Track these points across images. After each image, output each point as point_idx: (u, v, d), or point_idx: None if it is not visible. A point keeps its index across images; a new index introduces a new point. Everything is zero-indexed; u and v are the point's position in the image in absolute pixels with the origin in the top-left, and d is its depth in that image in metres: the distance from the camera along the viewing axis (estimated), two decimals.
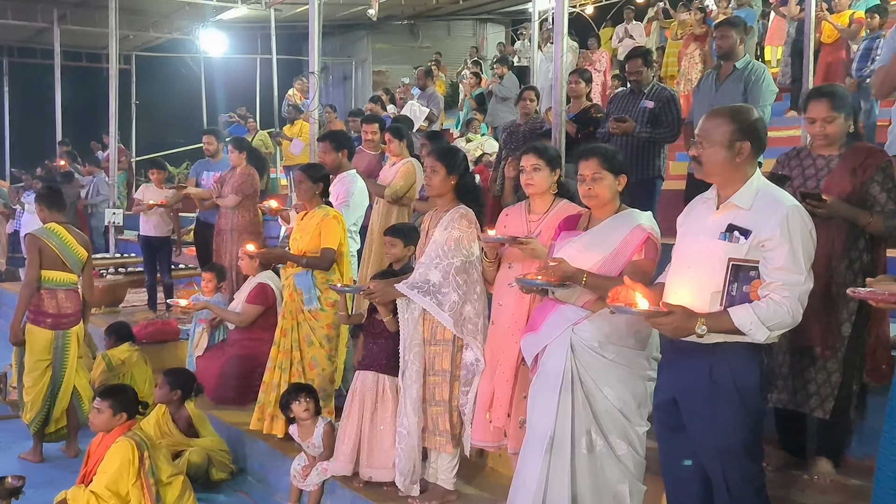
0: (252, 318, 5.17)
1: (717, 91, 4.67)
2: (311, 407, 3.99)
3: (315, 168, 4.57)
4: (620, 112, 5.18)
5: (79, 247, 4.86)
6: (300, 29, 18.54)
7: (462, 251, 3.43)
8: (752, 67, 4.57)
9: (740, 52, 4.67)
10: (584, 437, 2.76)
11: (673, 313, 2.23)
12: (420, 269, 3.49)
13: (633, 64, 5.18)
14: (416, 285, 3.44)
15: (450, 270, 3.41)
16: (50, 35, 14.13)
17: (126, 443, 3.71)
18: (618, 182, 2.89)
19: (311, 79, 6.58)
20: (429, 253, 3.50)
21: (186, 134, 17.43)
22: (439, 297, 3.41)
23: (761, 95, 4.47)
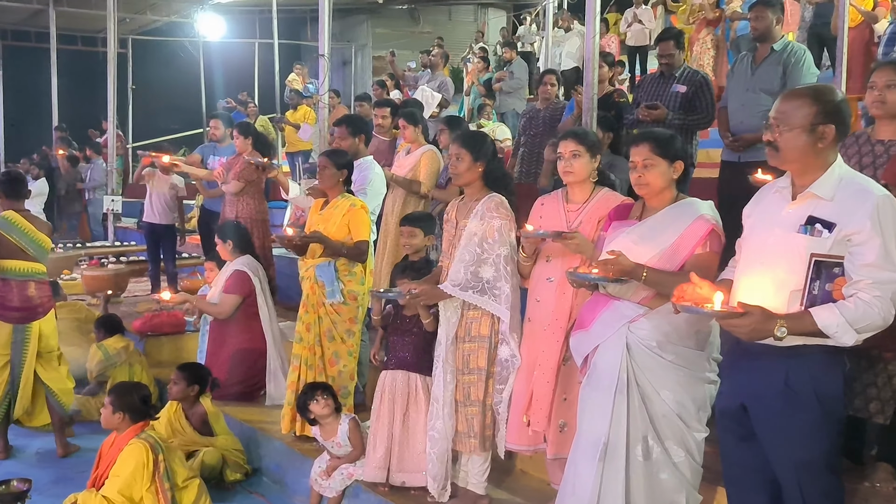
0: (231, 309, 4.95)
1: (753, 74, 4.46)
2: (331, 404, 3.80)
3: (340, 154, 4.34)
4: (650, 97, 4.96)
5: (40, 234, 4.60)
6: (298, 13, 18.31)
7: (506, 239, 3.24)
8: (792, 49, 4.36)
9: (777, 33, 4.47)
10: (639, 444, 2.57)
11: (750, 314, 2.04)
12: (469, 267, 3.23)
13: (664, 46, 4.95)
14: (469, 285, 3.22)
15: (500, 262, 3.21)
16: (45, 17, 13.83)
17: (140, 445, 3.51)
18: (673, 169, 2.68)
19: (322, 62, 6.32)
20: (470, 248, 3.26)
21: (184, 119, 17.15)
22: (496, 293, 3.21)
23: (802, 78, 4.25)
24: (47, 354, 4.68)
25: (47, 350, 4.68)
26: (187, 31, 16.44)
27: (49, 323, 4.68)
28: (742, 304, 2.06)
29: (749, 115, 4.42)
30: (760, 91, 4.37)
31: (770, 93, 4.33)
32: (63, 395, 4.71)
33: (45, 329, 4.64)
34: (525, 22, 16.16)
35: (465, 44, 16.65)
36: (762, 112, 4.35)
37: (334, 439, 3.77)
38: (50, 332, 4.69)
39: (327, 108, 6.46)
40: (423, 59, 11.57)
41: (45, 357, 4.67)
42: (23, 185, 4.75)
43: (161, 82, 17.16)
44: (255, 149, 6.27)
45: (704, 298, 2.14)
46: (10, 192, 4.63)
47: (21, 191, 4.70)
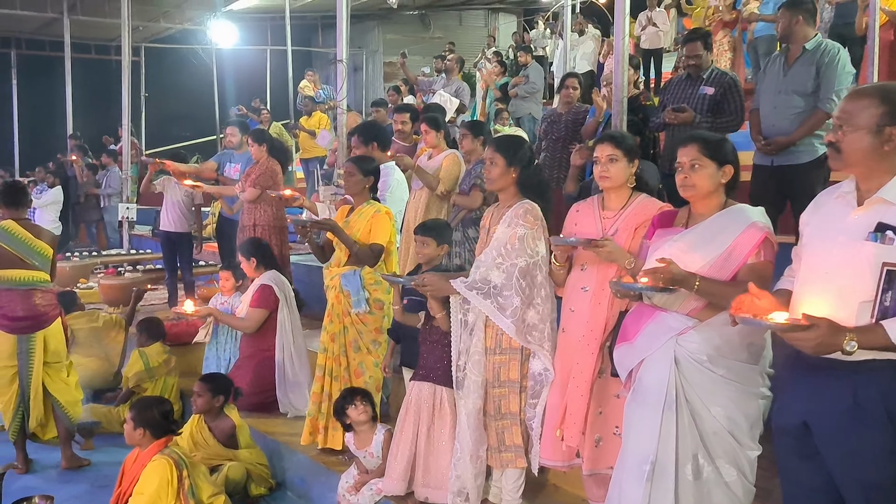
0: (258, 324, 4.94)
1: (785, 75, 4.32)
2: (369, 411, 3.71)
3: (366, 160, 4.24)
4: (677, 100, 4.84)
5: (40, 242, 4.49)
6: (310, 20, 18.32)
7: (526, 251, 3.11)
8: (826, 48, 4.22)
9: (803, 33, 4.31)
10: (689, 463, 2.45)
11: (817, 327, 1.91)
12: (480, 269, 3.16)
13: (692, 47, 4.83)
14: (474, 285, 3.12)
15: (513, 272, 3.09)
16: (59, 26, 13.88)
17: (164, 461, 3.43)
18: (722, 172, 2.56)
19: (339, 67, 6.25)
20: (490, 252, 3.18)
21: (197, 126, 17.15)
22: (500, 301, 3.09)
23: (837, 77, 4.11)
24: (55, 364, 4.57)
25: (54, 360, 4.57)
26: (200, 39, 16.45)
27: (55, 332, 4.56)
28: (808, 317, 1.94)
29: (781, 118, 4.30)
30: (793, 93, 4.25)
31: (803, 94, 4.22)
32: (70, 407, 4.61)
33: (50, 338, 4.52)
34: (537, 26, 16.09)
35: (475, 48, 16.59)
36: (795, 114, 4.25)
37: (367, 449, 3.67)
38: (56, 341, 4.57)
39: (346, 113, 6.35)
40: (438, 65, 11.49)
41: (53, 367, 4.56)
42: (23, 194, 4.68)
43: (174, 90, 17.19)
44: (271, 155, 6.20)
45: (765, 310, 2.03)
46: (10, 201, 4.57)
47: (21, 200, 4.63)
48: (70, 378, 4.69)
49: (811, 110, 4.16)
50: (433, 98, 8.91)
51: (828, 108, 4.11)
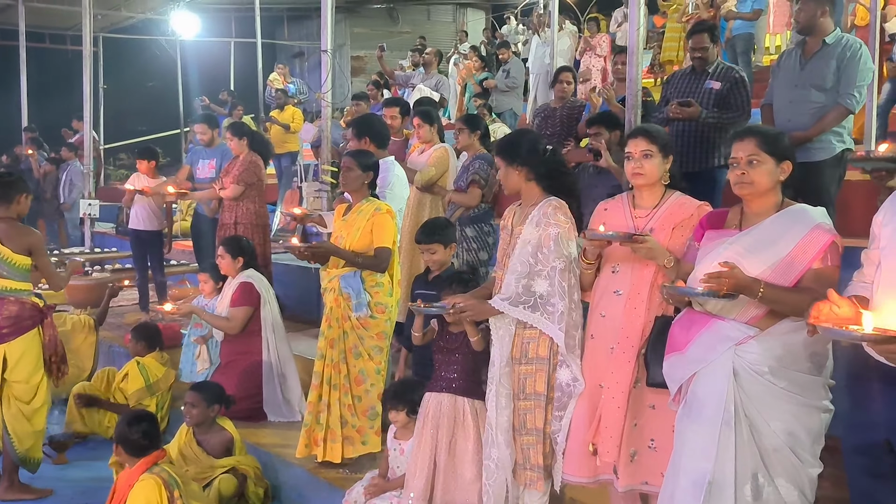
0: (243, 322, 4.68)
1: (802, 69, 4.19)
2: (404, 413, 3.45)
3: (365, 155, 3.99)
4: (681, 94, 4.67)
5: (4, 248, 4.00)
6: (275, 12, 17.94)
7: (563, 251, 2.90)
8: (847, 42, 4.09)
9: (826, 25, 4.18)
10: (748, 482, 2.28)
11: None
12: (521, 280, 2.90)
13: (698, 39, 4.65)
14: (519, 300, 2.88)
15: (554, 276, 2.88)
16: (13, 14, 13.23)
17: (152, 481, 3.15)
18: (780, 169, 2.40)
19: (324, 58, 5.97)
20: (522, 258, 2.93)
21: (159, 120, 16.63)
22: (549, 310, 2.88)
23: (858, 74, 4.00)
24: (15, 384, 4.05)
25: (14, 379, 4.04)
26: (161, 30, 15.91)
27: (16, 348, 4.02)
28: None
29: (798, 113, 4.17)
30: (811, 87, 4.12)
31: (822, 88, 4.09)
32: (19, 439, 4.05)
33: (10, 354, 4.02)
34: (508, 21, 15.95)
35: (444, 43, 16.40)
36: (813, 109, 4.12)
37: (401, 444, 3.43)
38: (17, 358, 4.03)
39: (330, 106, 6.08)
40: (415, 58, 11.25)
41: (11, 387, 4.05)
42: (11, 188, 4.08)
43: (134, 82, 16.66)
44: (251, 149, 5.91)
45: (847, 319, 1.85)
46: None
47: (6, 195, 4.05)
48: (33, 402, 4.10)
49: (831, 105, 4.04)
50: (413, 93, 8.68)
51: (848, 103, 4.00)
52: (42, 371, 4.13)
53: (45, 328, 4.13)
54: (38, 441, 4.16)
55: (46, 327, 4.13)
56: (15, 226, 4.07)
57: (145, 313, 6.83)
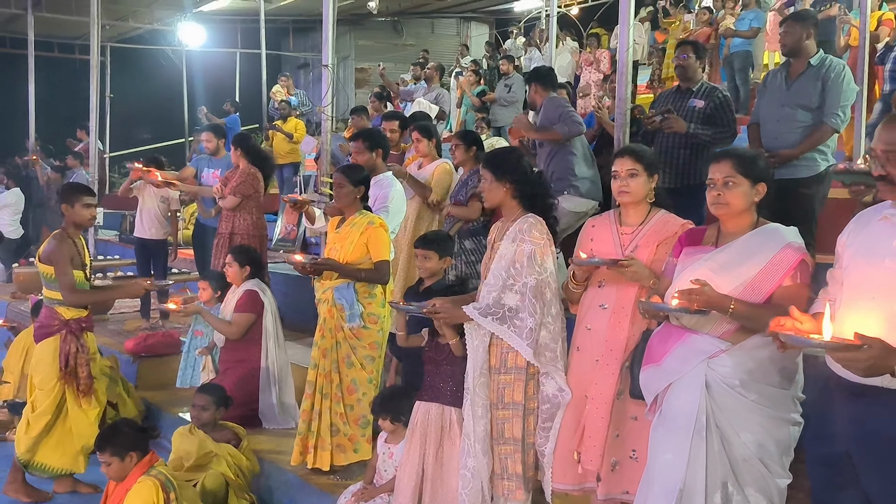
0: (244, 328, 4.78)
1: (788, 89, 4.30)
2: (398, 424, 3.55)
3: (355, 169, 4.10)
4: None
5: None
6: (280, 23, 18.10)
7: (535, 268, 2.99)
8: (831, 64, 4.21)
9: (810, 47, 4.30)
10: (718, 491, 2.36)
11: (870, 347, 1.83)
12: (492, 292, 3.02)
13: (681, 50, 4.74)
14: (489, 311, 2.99)
15: (526, 291, 2.97)
16: (22, 23, 13.42)
17: (150, 483, 3.24)
18: (755, 191, 2.49)
19: (325, 73, 6.10)
20: (497, 272, 3.04)
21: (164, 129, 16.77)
22: (517, 324, 2.97)
23: (842, 94, 4.11)
24: (33, 387, 4.25)
25: (33, 381, 4.25)
26: (168, 40, 16.09)
27: (38, 349, 4.22)
28: (860, 336, 1.85)
29: (785, 131, 4.29)
30: (797, 107, 4.23)
31: (808, 108, 4.21)
32: (18, 440, 4.19)
33: (35, 354, 4.25)
34: (511, 36, 16.09)
35: (448, 56, 16.53)
36: (800, 128, 4.23)
37: (391, 448, 3.53)
38: (37, 360, 4.21)
39: (330, 119, 6.20)
40: (416, 72, 11.38)
41: (32, 390, 4.25)
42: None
43: (140, 91, 16.78)
44: (250, 162, 6.01)
45: (809, 331, 1.95)
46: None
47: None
48: (38, 410, 4.16)
49: (817, 124, 4.15)
50: (412, 105, 8.80)
51: (833, 123, 4.11)
52: (55, 382, 4.15)
53: (64, 340, 4.16)
54: (35, 447, 4.15)
55: (65, 339, 4.16)
56: (51, 239, 4.19)
57: (146, 320, 6.93)
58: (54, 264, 4.11)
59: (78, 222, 4.26)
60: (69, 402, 4.17)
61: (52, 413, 4.16)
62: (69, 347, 4.16)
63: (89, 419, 4.20)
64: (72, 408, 4.17)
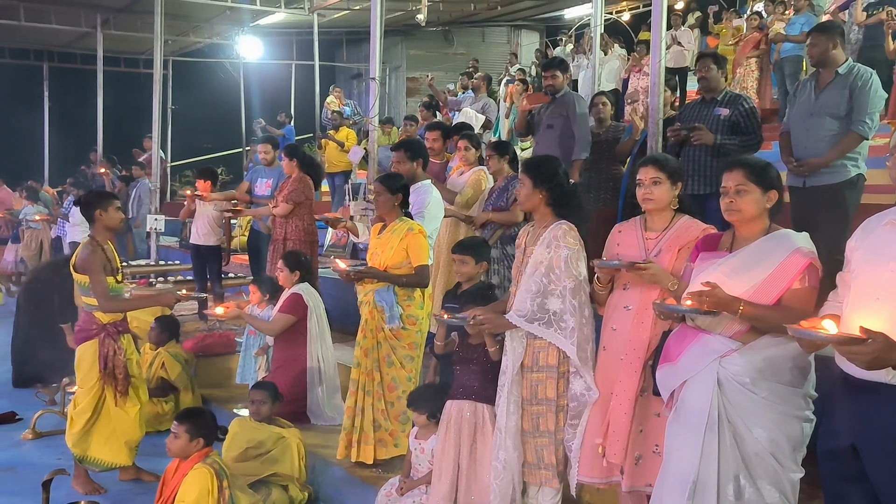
0: (282, 328, 5.03)
1: (817, 99, 4.36)
2: (425, 416, 3.74)
3: (394, 178, 4.32)
4: (692, 121, 4.85)
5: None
6: (334, 35, 18.53)
7: (572, 271, 3.16)
8: (858, 72, 4.26)
9: (837, 57, 4.35)
10: (731, 483, 2.48)
11: (874, 341, 1.94)
12: (535, 298, 3.17)
13: (702, 63, 4.82)
14: (535, 317, 3.15)
15: (566, 294, 3.14)
16: (90, 40, 14.16)
17: (205, 470, 3.50)
18: (767, 198, 2.61)
19: (372, 85, 6.36)
20: (536, 278, 3.19)
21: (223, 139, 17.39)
22: (562, 326, 3.14)
23: (870, 101, 4.16)
24: (77, 387, 4.54)
25: (77, 381, 4.49)
26: (226, 53, 16.70)
27: (79, 351, 4.43)
28: (864, 330, 1.96)
29: (813, 140, 4.35)
30: (826, 115, 4.29)
31: (836, 116, 4.27)
32: (68, 435, 4.46)
33: (77, 356, 4.46)
34: (561, 43, 16.18)
35: (498, 65, 16.70)
36: (828, 136, 4.30)
37: (422, 444, 3.71)
38: (78, 361, 4.44)
39: (377, 129, 6.45)
40: (464, 82, 11.60)
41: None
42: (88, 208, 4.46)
43: (200, 103, 17.44)
44: (302, 171, 6.31)
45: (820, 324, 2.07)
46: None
47: None
48: (79, 407, 4.40)
49: (844, 133, 4.20)
50: (459, 115, 9.01)
51: (861, 130, 4.16)
52: (95, 381, 4.36)
53: (102, 343, 4.36)
54: (82, 442, 4.40)
55: (103, 342, 4.36)
56: (85, 246, 4.36)
57: (204, 322, 7.28)
58: (88, 273, 4.27)
59: (111, 226, 4.46)
60: (108, 400, 4.41)
61: (92, 410, 4.39)
62: (107, 350, 4.37)
63: (130, 416, 4.45)
64: (112, 406, 4.42)
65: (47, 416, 5.45)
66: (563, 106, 5.69)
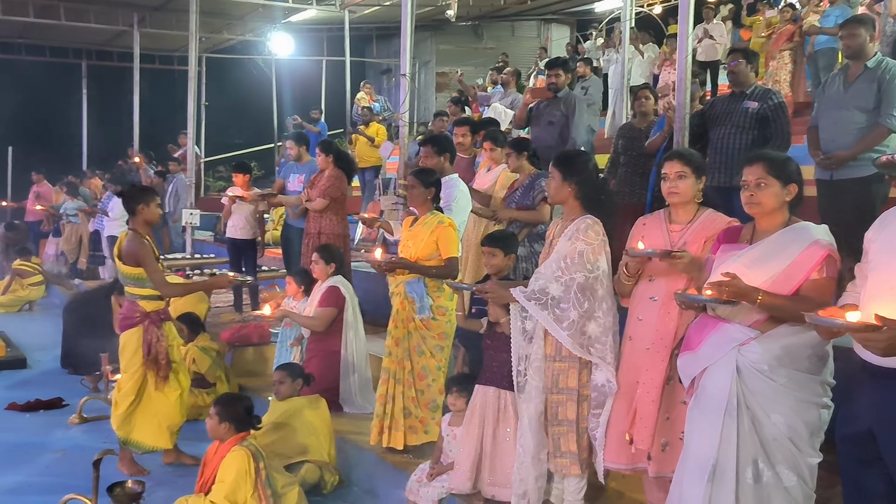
0: (327, 322, 5.17)
1: (846, 92, 4.40)
2: (464, 400, 3.82)
3: (427, 173, 4.44)
4: (722, 116, 4.90)
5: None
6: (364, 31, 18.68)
7: (586, 266, 3.24)
8: (887, 66, 4.28)
9: (870, 50, 4.39)
10: (749, 467, 2.56)
11: (888, 328, 2.00)
12: (539, 280, 3.30)
13: (732, 57, 4.89)
14: (533, 296, 3.26)
15: (571, 286, 3.23)
16: (127, 38, 14.48)
17: (242, 452, 3.65)
18: (787, 191, 2.68)
19: (403, 82, 6.47)
20: (550, 264, 3.32)
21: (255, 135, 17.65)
22: (557, 313, 3.23)
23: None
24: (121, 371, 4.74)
25: (121, 366, 4.70)
26: (258, 50, 16.94)
27: (123, 339, 4.62)
28: (880, 318, 2.03)
29: (841, 133, 4.38)
30: (854, 108, 4.32)
31: (864, 110, 4.29)
32: (113, 417, 4.65)
33: (120, 343, 4.65)
34: (591, 37, 16.14)
35: (527, 59, 16.69)
36: (856, 130, 4.32)
37: (454, 430, 3.82)
38: (121, 348, 4.64)
39: (407, 125, 6.56)
40: (493, 76, 11.67)
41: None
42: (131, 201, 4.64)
43: (233, 99, 17.72)
44: (336, 166, 6.46)
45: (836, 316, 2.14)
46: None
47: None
48: (123, 391, 4.58)
49: (872, 126, 4.22)
50: (488, 110, 9.09)
51: (888, 123, 4.18)
52: (138, 367, 4.52)
53: (146, 330, 4.52)
54: (125, 425, 4.58)
55: (147, 330, 4.52)
56: (132, 239, 4.49)
57: (239, 314, 7.49)
58: (143, 265, 4.43)
59: (150, 220, 4.63)
60: (150, 385, 4.58)
61: (135, 394, 4.57)
62: (151, 337, 4.54)
63: (170, 401, 4.63)
64: (154, 391, 4.59)
65: (92, 402, 5.70)
66: (564, 105, 5.86)
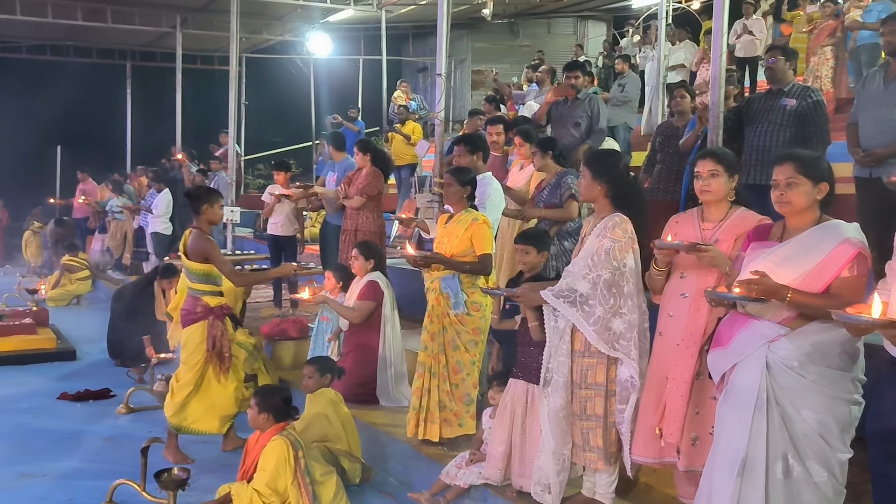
0: (366, 314, 5.26)
1: (886, 89, 4.36)
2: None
3: (463, 171, 4.53)
4: (759, 113, 4.88)
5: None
6: (401, 30, 18.83)
7: (612, 262, 3.29)
8: None
9: None
10: (779, 462, 2.59)
11: None
12: (567, 278, 3.36)
13: (772, 53, 4.87)
14: (561, 294, 3.32)
15: (598, 282, 3.28)
16: (170, 39, 14.81)
17: (282, 442, 3.78)
18: (817, 190, 2.70)
19: (438, 82, 6.56)
20: (578, 261, 3.38)
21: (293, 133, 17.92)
22: (586, 309, 3.29)
23: None
24: (181, 363, 4.91)
25: (182, 358, 4.87)
26: (297, 50, 17.18)
27: (185, 333, 4.80)
28: None
29: (881, 131, 4.35)
30: (894, 106, 4.28)
31: None
32: (168, 405, 4.78)
33: (183, 337, 4.85)
34: (627, 34, 16.05)
35: (564, 56, 16.61)
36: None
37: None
38: (184, 341, 4.82)
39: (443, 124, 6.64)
40: (528, 74, 11.70)
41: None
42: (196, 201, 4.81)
43: (271, 98, 18.00)
44: (374, 165, 6.57)
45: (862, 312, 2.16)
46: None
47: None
48: (182, 381, 4.73)
49: None
50: (524, 109, 9.14)
51: None
52: (199, 359, 4.71)
53: (212, 325, 4.70)
54: (180, 413, 4.74)
55: (212, 325, 4.70)
56: (197, 236, 4.69)
57: (278, 308, 7.66)
58: (211, 259, 4.64)
59: (213, 220, 4.84)
60: (211, 377, 4.76)
61: (194, 385, 4.75)
62: (216, 332, 4.72)
63: (228, 392, 4.81)
64: (213, 382, 4.77)
65: (138, 393, 5.91)
66: (589, 107, 6.03)
